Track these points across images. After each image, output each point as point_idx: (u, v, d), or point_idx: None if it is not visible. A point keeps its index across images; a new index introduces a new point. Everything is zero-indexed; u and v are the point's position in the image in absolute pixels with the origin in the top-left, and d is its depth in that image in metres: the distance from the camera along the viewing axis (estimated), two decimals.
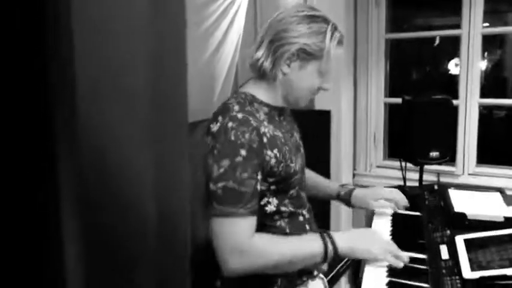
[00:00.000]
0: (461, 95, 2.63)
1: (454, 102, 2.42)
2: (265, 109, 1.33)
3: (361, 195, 1.69)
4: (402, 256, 1.35)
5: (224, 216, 1.18)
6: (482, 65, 2.86)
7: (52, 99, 0.40)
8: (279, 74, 1.31)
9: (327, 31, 1.29)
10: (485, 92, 2.68)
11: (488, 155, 2.92)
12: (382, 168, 2.91)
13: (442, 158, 2.14)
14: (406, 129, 2.17)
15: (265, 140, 1.24)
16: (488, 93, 2.82)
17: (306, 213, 1.40)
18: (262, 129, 1.25)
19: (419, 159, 2.15)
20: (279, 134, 1.31)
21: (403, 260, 1.35)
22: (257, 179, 1.22)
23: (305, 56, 1.29)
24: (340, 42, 1.33)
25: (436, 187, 2.03)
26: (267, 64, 1.30)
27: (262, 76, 1.33)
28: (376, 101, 2.87)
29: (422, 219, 1.73)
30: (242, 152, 1.19)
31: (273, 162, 1.25)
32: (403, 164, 2.25)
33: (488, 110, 3.70)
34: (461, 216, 1.60)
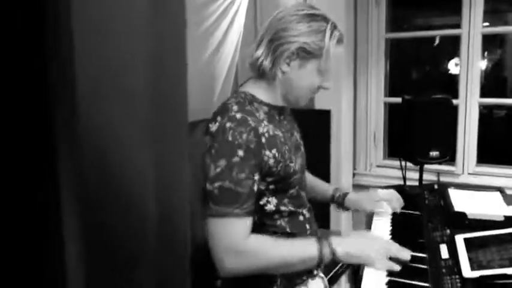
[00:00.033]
0: (461, 95, 2.63)
1: (454, 101, 2.42)
2: (265, 108, 1.33)
3: (355, 198, 1.69)
4: (404, 255, 1.34)
5: (220, 216, 1.18)
6: (482, 64, 2.86)
7: (52, 99, 0.40)
8: (279, 73, 1.30)
9: (326, 30, 1.29)
10: (485, 92, 2.68)
11: (488, 154, 2.92)
12: (382, 167, 2.91)
13: (442, 158, 2.14)
14: (406, 128, 2.17)
15: (264, 140, 1.24)
16: (488, 92, 2.81)
17: (306, 213, 1.40)
18: (261, 129, 1.25)
19: (419, 159, 2.15)
20: (279, 133, 1.31)
21: (405, 257, 1.34)
22: (254, 179, 1.22)
23: (305, 55, 1.29)
24: (339, 41, 1.33)
25: (436, 186, 2.04)
26: (267, 63, 1.29)
27: (262, 75, 1.33)
28: (376, 100, 2.87)
29: (423, 219, 1.73)
30: (239, 153, 1.19)
31: (271, 162, 1.25)
32: (403, 164, 2.25)
33: (488, 110, 3.70)
34: (461, 215, 1.60)
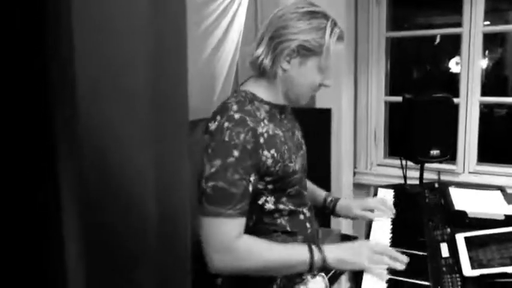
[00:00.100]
0: (462, 94, 2.63)
1: (455, 100, 2.42)
2: (266, 107, 1.33)
3: (346, 205, 1.68)
4: (397, 265, 1.30)
5: (213, 215, 1.19)
6: (483, 63, 2.85)
7: (52, 99, 0.40)
8: (279, 71, 1.30)
9: (326, 27, 1.29)
10: (486, 91, 2.68)
11: (489, 153, 2.92)
12: (382, 166, 2.91)
13: (443, 156, 2.14)
14: (407, 127, 2.17)
15: (262, 141, 1.24)
16: (489, 91, 2.80)
17: (306, 212, 1.40)
18: (260, 130, 1.24)
19: (419, 158, 2.15)
20: (279, 133, 1.31)
21: (399, 268, 1.30)
22: (249, 180, 1.22)
23: (305, 52, 1.28)
24: (340, 38, 1.32)
25: (436, 185, 2.03)
26: (267, 61, 1.29)
27: (263, 74, 1.33)
28: (376, 99, 2.87)
29: (423, 218, 1.73)
30: (235, 153, 1.19)
31: (269, 162, 1.25)
32: (404, 162, 2.25)
33: (489, 108, 3.70)
34: (461, 214, 1.60)
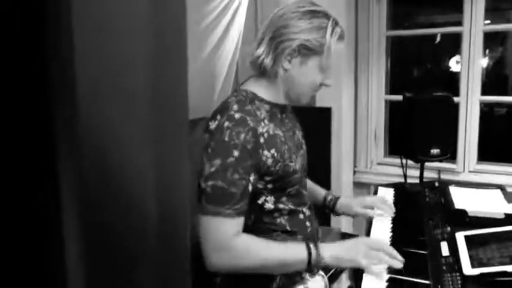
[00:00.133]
0: (462, 92, 2.63)
1: (455, 99, 2.42)
2: (267, 107, 1.33)
3: (346, 203, 1.68)
4: (396, 263, 1.31)
5: (211, 214, 1.19)
6: (484, 62, 2.85)
7: (52, 99, 0.40)
8: (280, 71, 1.30)
9: (327, 26, 1.28)
10: (486, 90, 2.67)
11: (489, 152, 2.91)
12: (382, 165, 2.90)
13: (443, 155, 2.14)
14: (407, 126, 2.17)
15: (262, 141, 1.24)
16: (490, 90, 2.80)
17: (306, 211, 1.40)
18: (260, 129, 1.24)
19: (420, 156, 2.15)
20: (279, 132, 1.31)
21: (397, 266, 1.30)
22: (249, 180, 1.22)
23: (306, 52, 1.28)
24: (341, 38, 1.32)
25: (436, 184, 2.03)
26: (268, 61, 1.29)
27: (263, 73, 1.32)
28: (377, 98, 2.87)
29: (423, 216, 1.73)
30: (235, 153, 1.19)
31: (269, 162, 1.25)
32: (404, 161, 2.25)
33: (489, 107, 3.69)
34: (461, 213, 1.60)
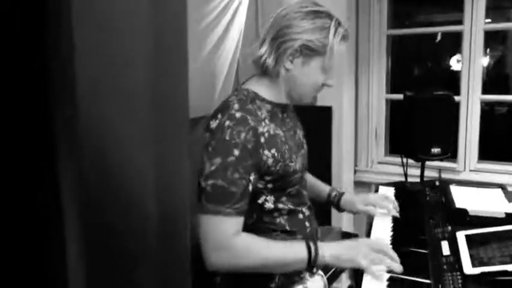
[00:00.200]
0: (462, 91, 2.62)
1: (456, 98, 2.42)
2: (268, 106, 1.32)
3: (350, 199, 1.68)
4: (396, 266, 1.29)
5: (211, 213, 1.19)
6: (484, 61, 2.84)
7: (52, 99, 0.40)
8: (282, 71, 1.30)
9: (330, 27, 1.28)
10: (487, 88, 2.67)
11: (490, 151, 2.91)
12: (383, 164, 2.90)
13: (444, 154, 2.14)
14: (408, 125, 2.17)
15: (263, 140, 1.23)
16: (490, 89, 2.79)
17: (306, 211, 1.40)
18: (261, 129, 1.24)
19: (420, 155, 2.15)
20: (280, 132, 1.31)
21: (397, 269, 1.28)
22: (249, 179, 1.22)
23: (308, 52, 1.28)
24: (344, 38, 1.32)
25: (437, 183, 2.03)
26: (270, 61, 1.29)
27: (265, 73, 1.32)
28: (377, 97, 2.87)
29: (424, 215, 1.73)
30: (235, 152, 1.18)
31: (270, 161, 1.25)
32: (405, 160, 2.25)
33: (490, 106, 3.69)
34: (462, 212, 1.60)
